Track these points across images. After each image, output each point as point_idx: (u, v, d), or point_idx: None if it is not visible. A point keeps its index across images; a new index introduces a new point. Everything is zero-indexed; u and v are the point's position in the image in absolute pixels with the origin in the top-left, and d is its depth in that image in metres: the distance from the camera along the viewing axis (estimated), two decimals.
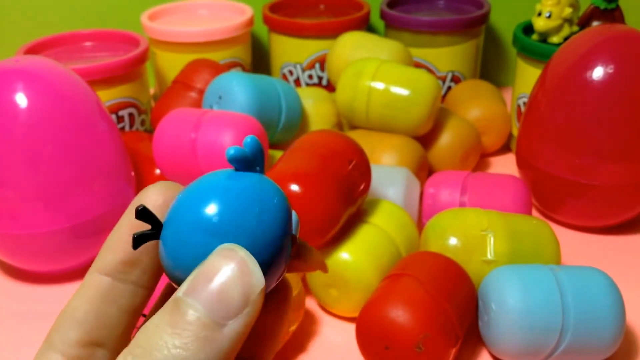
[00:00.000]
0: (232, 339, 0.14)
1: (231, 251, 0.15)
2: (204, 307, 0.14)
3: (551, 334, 0.34)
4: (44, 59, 0.43)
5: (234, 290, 0.14)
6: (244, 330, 0.14)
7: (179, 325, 0.14)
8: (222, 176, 0.16)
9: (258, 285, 0.14)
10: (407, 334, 0.34)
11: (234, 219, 0.15)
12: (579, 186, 0.46)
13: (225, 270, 0.14)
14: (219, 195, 0.16)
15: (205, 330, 0.14)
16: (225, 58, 0.62)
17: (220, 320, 0.14)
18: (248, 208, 0.16)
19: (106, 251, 0.18)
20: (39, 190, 0.40)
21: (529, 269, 0.36)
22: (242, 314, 0.14)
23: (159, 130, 0.46)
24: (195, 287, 0.14)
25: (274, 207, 0.16)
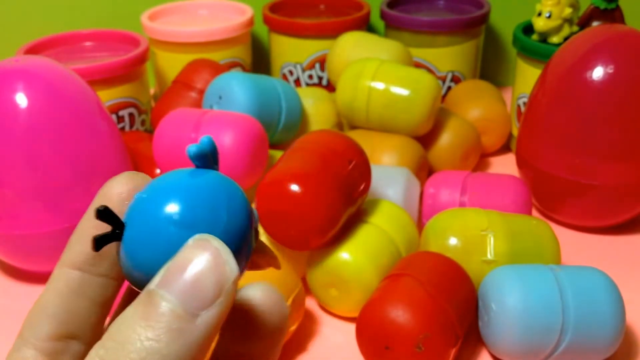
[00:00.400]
0: (205, 330, 0.14)
1: (205, 241, 0.14)
2: (177, 298, 0.14)
3: (551, 334, 0.34)
4: (44, 59, 0.43)
5: (207, 280, 0.14)
6: (218, 321, 0.14)
7: (152, 317, 0.14)
8: (184, 173, 0.16)
9: (232, 274, 0.14)
10: (407, 333, 0.34)
11: (205, 213, 0.15)
12: (579, 186, 0.46)
13: (199, 260, 0.14)
14: (188, 190, 0.16)
15: (178, 321, 0.14)
16: (226, 58, 0.62)
17: (194, 311, 0.14)
18: (217, 202, 0.16)
19: (74, 245, 0.17)
20: (38, 190, 0.40)
21: (529, 269, 0.36)
22: (216, 303, 0.14)
23: (159, 130, 0.46)
24: (168, 278, 0.14)
25: (240, 201, 0.16)
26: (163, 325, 0.14)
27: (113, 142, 0.43)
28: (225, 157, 0.43)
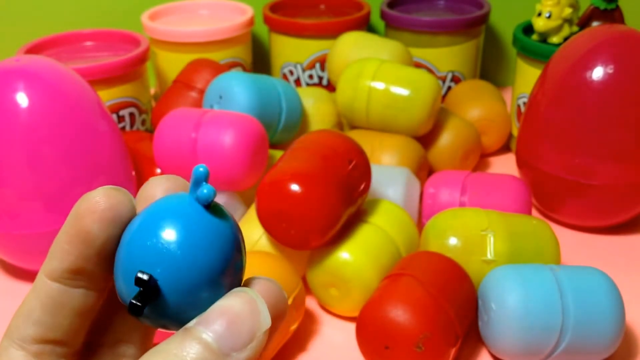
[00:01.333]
0: None
1: (244, 292, 0.16)
2: (213, 336, 0.15)
3: (551, 334, 0.34)
4: (45, 58, 0.43)
5: (243, 325, 0.15)
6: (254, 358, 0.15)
7: (187, 346, 0.15)
8: (199, 223, 0.16)
9: (265, 324, 0.15)
10: (407, 333, 0.34)
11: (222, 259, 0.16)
12: (579, 186, 0.46)
13: (238, 307, 0.15)
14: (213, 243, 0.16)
15: (211, 356, 0.15)
16: (226, 58, 0.62)
17: (227, 351, 0.15)
18: (229, 250, 0.16)
19: (51, 258, 0.18)
20: (39, 190, 0.40)
21: (529, 269, 0.36)
22: (247, 348, 0.15)
23: (159, 130, 0.46)
24: (208, 318, 0.15)
25: (241, 244, 0.17)
26: (196, 356, 0.15)
27: (113, 141, 0.43)
28: (225, 157, 0.43)
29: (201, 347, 0.15)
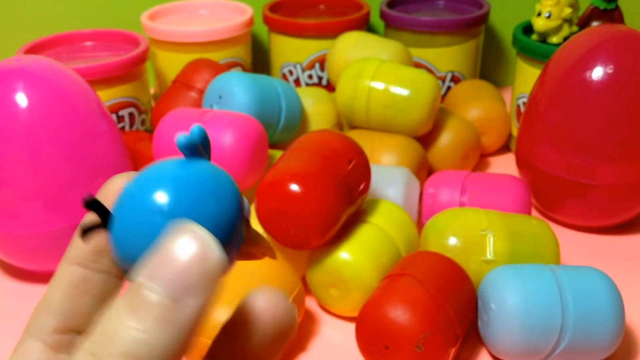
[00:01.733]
0: (192, 318, 0.14)
1: (190, 231, 0.14)
2: (163, 289, 0.14)
3: (551, 334, 0.34)
4: (45, 58, 0.42)
5: (194, 270, 0.14)
6: (204, 309, 0.14)
7: (140, 308, 0.14)
8: (173, 163, 0.16)
9: (218, 263, 0.14)
10: (406, 333, 0.34)
11: (192, 203, 0.15)
12: (579, 186, 0.46)
13: (185, 250, 0.14)
14: (175, 180, 0.15)
15: (165, 311, 0.14)
16: (225, 58, 0.62)
17: (180, 300, 0.14)
18: (205, 192, 0.16)
19: (75, 241, 0.18)
20: (39, 190, 0.40)
21: (529, 269, 0.36)
22: (202, 292, 0.14)
23: (159, 130, 0.46)
24: (154, 268, 0.14)
25: (230, 190, 0.16)
26: (151, 317, 0.14)
27: (113, 141, 0.43)
28: (225, 157, 0.43)
29: (153, 306, 0.14)
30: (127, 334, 0.13)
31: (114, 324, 0.14)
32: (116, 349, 0.13)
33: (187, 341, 0.14)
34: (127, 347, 0.13)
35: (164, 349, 0.13)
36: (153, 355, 0.13)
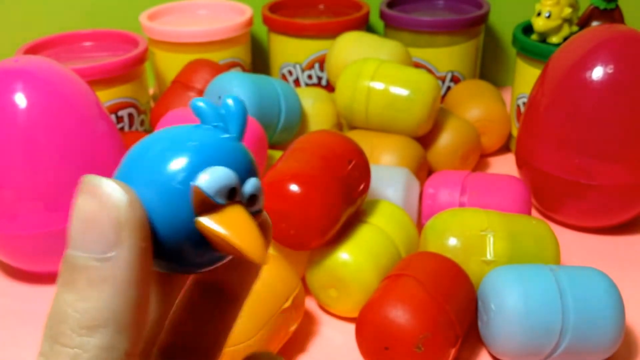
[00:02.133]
0: (126, 267, 0.13)
1: (85, 188, 0.14)
2: (83, 251, 0.13)
3: (551, 334, 0.34)
4: (44, 59, 0.42)
5: (100, 222, 0.13)
6: (135, 254, 0.14)
7: (72, 280, 0.13)
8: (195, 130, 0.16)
9: (122, 207, 0.13)
10: (406, 334, 0.34)
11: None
12: (579, 186, 0.46)
13: (85, 208, 0.14)
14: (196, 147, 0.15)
15: (94, 272, 0.13)
16: (225, 58, 0.62)
17: (104, 256, 0.13)
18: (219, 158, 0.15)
19: None
20: (38, 191, 0.40)
21: (529, 269, 0.36)
22: (121, 241, 0.13)
23: None
24: (71, 236, 0.14)
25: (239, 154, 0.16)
26: (83, 283, 0.13)
27: (112, 142, 0.43)
28: None
29: (81, 271, 0.13)
30: (71, 308, 0.13)
31: (58, 304, 0.14)
32: (68, 326, 0.13)
33: (135, 294, 0.13)
34: (76, 321, 0.13)
35: (111, 307, 0.13)
36: (103, 317, 0.13)
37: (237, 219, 0.15)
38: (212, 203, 0.15)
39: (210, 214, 0.14)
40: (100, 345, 0.13)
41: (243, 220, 0.15)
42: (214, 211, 0.15)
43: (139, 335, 0.14)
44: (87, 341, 0.13)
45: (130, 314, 0.13)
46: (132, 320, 0.13)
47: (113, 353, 0.13)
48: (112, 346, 0.13)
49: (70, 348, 0.13)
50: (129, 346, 0.13)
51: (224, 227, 0.14)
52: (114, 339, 0.13)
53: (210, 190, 0.14)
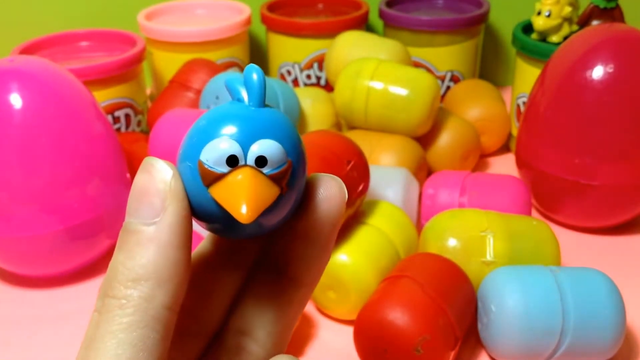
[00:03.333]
0: (168, 231, 0.16)
1: (145, 164, 0.16)
2: (134, 218, 0.16)
3: (551, 336, 0.34)
4: (39, 59, 0.42)
5: (148, 193, 0.16)
6: (176, 220, 0.16)
7: (123, 242, 0.16)
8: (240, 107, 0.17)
9: (167, 180, 0.16)
10: (405, 336, 0.33)
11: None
12: (579, 186, 0.46)
13: (140, 181, 0.16)
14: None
15: (141, 235, 0.16)
16: (223, 58, 0.62)
17: (152, 221, 0.16)
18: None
19: None
20: (32, 192, 0.40)
21: (529, 270, 0.36)
22: (165, 207, 0.16)
23: (155, 131, 0.46)
24: (128, 206, 0.16)
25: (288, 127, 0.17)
26: (132, 245, 0.16)
27: (108, 143, 0.43)
28: None
29: (131, 234, 0.16)
30: (121, 265, 0.16)
31: (111, 264, 0.16)
32: (117, 280, 0.16)
33: (175, 254, 0.16)
34: (124, 275, 0.16)
35: (153, 263, 0.15)
36: (146, 272, 0.15)
37: (232, 183, 0.16)
38: (216, 173, 0.16)
39: (216, 183, 0.16)
40: (143, 296, 0.15)
41: (236, 182, 0.16)
42: (220, 180, 0.16)
43: (177, 292, 0.16)
44: (131, 293, 0.15)
45: (170, 270, 0.16)
46: (171, 277, 0.16)
47: (153, 303, 0.15)
48: (153, 297, 0.15)
49: (117, 299, 0.15)
50: (167, 299, 0.16)
51: (217, 192, 0.16)
52: (154, 291, 0.15)
53: (208, 161, 0.16)
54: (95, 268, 0.45)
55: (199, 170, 0.16)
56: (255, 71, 0.17)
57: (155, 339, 0.15)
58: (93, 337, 0.16)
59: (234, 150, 0.16)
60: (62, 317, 0.42)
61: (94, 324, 0.16)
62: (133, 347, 0.15)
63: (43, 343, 0.40)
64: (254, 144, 0.16)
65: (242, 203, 0.16)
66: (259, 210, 0.16)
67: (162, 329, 0.16)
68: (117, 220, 0.44)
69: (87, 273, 0.45)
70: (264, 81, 0.17)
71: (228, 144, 0.16)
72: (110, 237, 0.44)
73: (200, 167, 0.16)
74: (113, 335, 0.15)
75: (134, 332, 0.15)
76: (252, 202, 0.16)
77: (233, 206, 0.16)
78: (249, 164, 0.16)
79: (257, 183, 0.16)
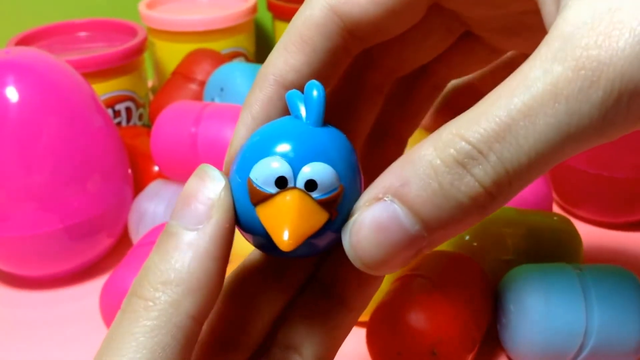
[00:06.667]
0: (208, 240, 0.16)
1: (199, 170, 0.17)
2: (177, 221, 0.16)
3: (574, 338, 0.33)
4: (36, 50, 0.42)
5: (195, 199, 0.16)
6: (218, 231, 0.16)
7: (162, 243, 0.16)
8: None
9: (217, 189, 0.16)
10: (420, 338, 0.33)
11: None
12: (602, 179, 0.45)
13: (188, 185, 0.17)
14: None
15: (182, 238, 0.16)
16: (227, 48, 0.61)
17: (192, 227, 0.16)
18: None
19: None
20: (30, 190, 0.39)
21: (550, 268, 0.35)
22: (211, 216, 0.16)
23: (157, 125, 0.45)
24: (175, 208, 0.17)
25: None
26: (171, 246, 0.16)
27: (109, 137, 0.43)
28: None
29: (171, 236, 0.16)
30: (155, 265, 0.16)
31: (146, 264, 0.16)
32: (147, 280, 0.16)
33: (210, 264, 0.16)
34: (156, 276, 0.16)
35: (187, 270, 0.16)
36: (178, 276, 0.16)
37: (278, 205, 0.16)
38: (263, 194, 0.16)
39: (263, 203, 0.16)
40: (170, 301, 0.15)
41: (282, 206, 0.16)
42: (267, 200, 0.16)
43: (205, 303, 0.16)
44: (159, 296, 0.15)
45: (202, 280, 0.16)
46: (202, 286, 0.16)
47: (179, 310, 0.15)
48: (180, 304, 0.15)
49: (144, 300, 0.16)
50: (194, 308, 0.16)
51: (263, 213, 0.16)
52: (182, 298, 0.15)
53: (257, 180, 0.16)
54: (96, 268, 0.45)
55: (247, 187, 0.16)
56: (316, 88, 0.16)
57: (175, 348, 0.15)
58: (114, 335, 0.16)
59: (284, 172, 0.16)
60: (63, 318, 0.41)
61: (117, 321, 0.16)
62: (152, 354, 0.15)
63: (43, 344, 0.39)
64: (305, 166, 0.16)
65: (284, 229, 0.16)
66: (301, 238, 0.16)
67: (183, 338, 0.15)
68: (118, 219, 0.43)
69: (87, 273, 0.44)
70: (324, 99, 0.16)
71: (278, 164, 0.16)
72: (111, 236, 0.44)
73: (249, 184, 0.16)
74: (133, 337, 0.15)
75: (155, 338, 0.15)
76: (295, 229, 0.16)
77: (275, 231, 0.16)
78: (298, 187, 0.16)
79: (304, 208, 0.16)
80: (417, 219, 0.15)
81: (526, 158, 0.14)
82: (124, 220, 0.44)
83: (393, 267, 0.16)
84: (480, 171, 0.14)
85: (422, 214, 0.14)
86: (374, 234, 0.15)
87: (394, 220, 0.15)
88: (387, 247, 0.15)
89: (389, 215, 0.15)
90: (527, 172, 0.14)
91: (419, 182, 0.14)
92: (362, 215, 0.15)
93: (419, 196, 0.14)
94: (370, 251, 0.15)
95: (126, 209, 0.44)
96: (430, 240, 0.15)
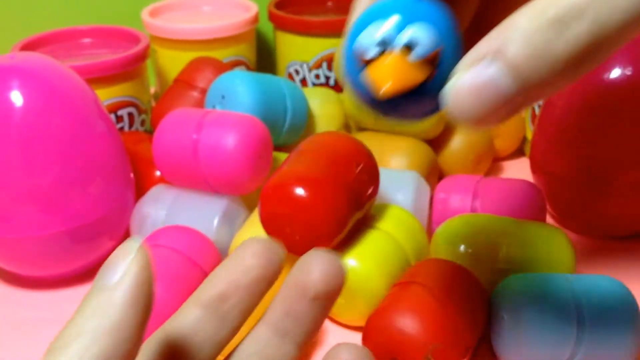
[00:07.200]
0: (125, 298, 0.17)
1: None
2: (95, 282, 0.18)
3: (565, 346, 0.33)
4: (41, 56, 0.42)
5: (113, 260, 0.18)
6: (135, 287, 0.17)
7: (84, 307, 0.18)
8: None
9: (131, 248, 0.18)
10: (415, 344, 0.33)
11: None
12: (596, 192, 0.45)
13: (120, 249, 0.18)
14: None
15: (98, 297, 0.18)
16: (229, 56, 0.61)
17: (109, 285, 0.18)
18: None
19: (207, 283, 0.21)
20: (34, 193, 0.40)
21: (543, 278, 0.36)
22: (126, 270, 0.17)
23: (159, 131, 0.45)
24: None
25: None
26: (92, 305, 0.17)
27: (111, 142, 0.43)
28: (228, 160, 0.42)
29: (92, 296, 0.18)
30: (74, 323, 0.19)
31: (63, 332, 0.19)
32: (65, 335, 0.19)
33: (131, 312, 0.17)
34: (73, 330, 0.19)
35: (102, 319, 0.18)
36: (94, 326, 0.17)
37: (379, 65, 0.18)
38: (366, 57, 0.18)
39: (368, 66, 0.18)
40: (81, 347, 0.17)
41: (382, 65, 0.18)
42: (370, 63, 0.18)
43: (117, 347, 0.17)
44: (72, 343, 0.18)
45: (114, 327, 0.17)
46: (113, 333, 0.17)
47: (89, 352, 0.17)
48: (88, 349, 0.17)
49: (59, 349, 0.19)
50: (103, 353, 0.17)
51: (367, 74, 0.18)
52: (92, 344, 0.17)
53: (361, 46, 0.18)
54: (97, 270, 0.45)
55: (353, 53, 0.18)
56: None
57: None
58: None
59: (384, 35, 0.18)
60: (65, 319, 0.41)
61: None
62: None
63: (45, 344, 0.39)
64: (405, 28, 0.18)
65: (385, 83, 0.18)
66: (397, 91, 0.17)
67: None
68: (120, 222, 0.44)
69: (88, 275, 0.45)
70: None
71: (378, 30, 0.18)
72: (113, 239, 0.44)
73: (355, 50, 0.18)
74: None
75: None
76: (394, 83, 0.17)
77: (376, 86, 0.18)
78: (397, 48, 0.18)
79: (401, 66, 0.17)
80: (515, 75, 0.15)
81: (621, 16, 0.14)
82: (126, 224, 0.44)
83: (491, 122, 0.17)
84: (578, 27, 0.15)
85: (521, 70, 0.15)
86: (473, 94, 0.16)
87: (493, 79, 0.15)
88: (486, 106, 0.16)
89: (488, 75, 0.16)
90: (618, 33, 0.15)
91: (518, 41, 0.15)
92: (462, 76, 0.16)
93: (518, 54, 0.15)
94: (469, 110, 0.16)
95: (128, 212, 0.44)
96: (525, 96, 0.15)
